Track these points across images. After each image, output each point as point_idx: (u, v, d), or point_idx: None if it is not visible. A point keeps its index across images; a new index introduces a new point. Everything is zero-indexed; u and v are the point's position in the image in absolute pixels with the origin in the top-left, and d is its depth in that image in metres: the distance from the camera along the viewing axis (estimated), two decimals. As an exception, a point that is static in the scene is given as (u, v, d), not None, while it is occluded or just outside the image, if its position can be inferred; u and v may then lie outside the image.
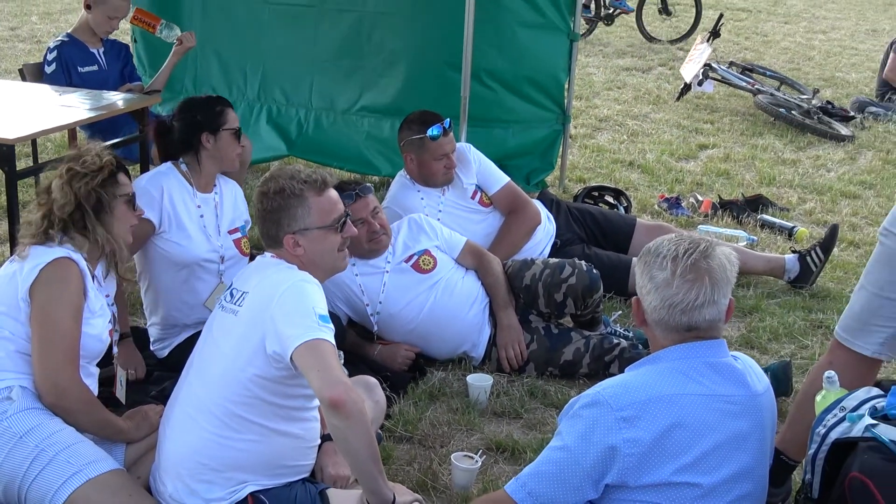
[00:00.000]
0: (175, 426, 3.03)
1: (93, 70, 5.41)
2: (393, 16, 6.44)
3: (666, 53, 12.82)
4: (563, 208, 5.52)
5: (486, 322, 4.41)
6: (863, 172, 7.72)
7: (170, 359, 4.05)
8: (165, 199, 3.94)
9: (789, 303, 5.15)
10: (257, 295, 3.01)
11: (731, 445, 2.57)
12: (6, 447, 2.93)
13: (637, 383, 2.61)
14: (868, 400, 2.70)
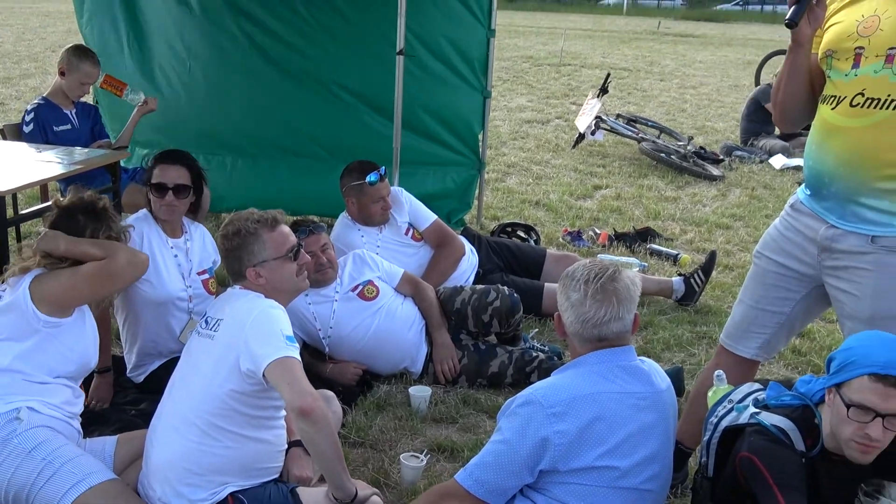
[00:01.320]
0: (161, 437, 3.03)
1: (66, 129, 5.36)
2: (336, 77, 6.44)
3: (561, 108, 13.00)
4: (484, 242, 5.55)
5: (423, 341, 4.41)
6: (733, 207, 7.86)
7: (145, 384, 4.02)
8: (145, 244, 3.89)
9: (677, 318, 5.23)
10: (230, 321, 3.03)
11: (641, 434, 2.66)
12: (17, 461, 2.92)
13: (563, 384, 2.69)
14: (751, 393, 2.81)
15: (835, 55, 2.91)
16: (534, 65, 18.71)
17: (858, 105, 2.82)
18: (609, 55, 22.04)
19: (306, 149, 6.61)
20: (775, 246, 3.16)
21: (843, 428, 2.46)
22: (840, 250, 2.91)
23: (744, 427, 2.66)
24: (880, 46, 2.76)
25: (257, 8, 6.42)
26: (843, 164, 2.86)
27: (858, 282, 2.89)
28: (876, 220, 2.82)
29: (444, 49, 6.27)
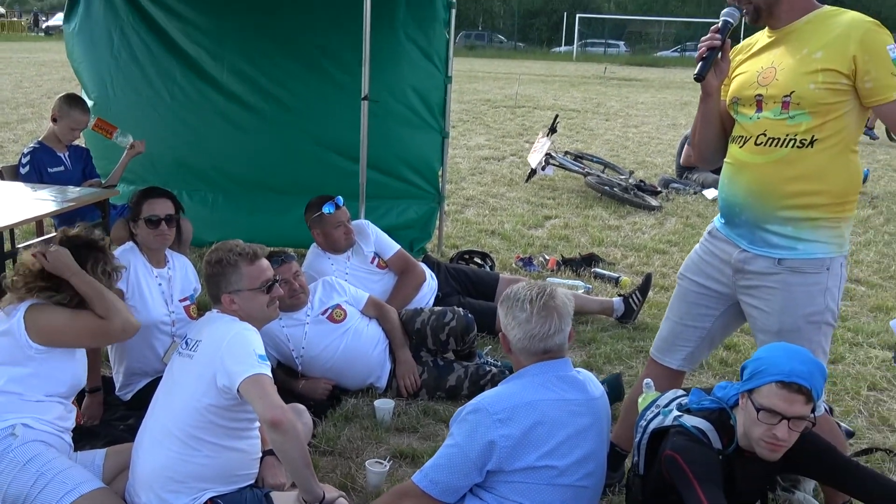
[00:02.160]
0: (146, 449, 3.03)
1: (60, 170, 5.34)
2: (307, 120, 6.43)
3: (516, 146, 13.03)
4: (443, 268, 5.58)
5: (387, 359, 4.42)
6: (669, 234, 7.95)
7: (132, 401, 3.98)
8: (131, 273, 3.89)
9: (618, 334, 5.26)
10: (208, 342, 3.04)
11: (577, 436, 2.70)
12: (12, 473, 2.91)
13: (508, 393, 2.73)
14: (675, 399, 2.89)
15: (740, 101, 3.02)
16: (491, 107, 18.76)
17: (762, 144, 2.92)
18: (560, 97, 22.13)
19: (281, 186, 6.58)
20: (696, 268, 3.23)
21: (754, 429, 2.53)
22: (751, 271, 3.00)
23: (668, 429, 2.73)
24: (777, 94, 2.88)
25: (236, 57, 6.43)
26: (751, 196, 2.96)
27: (767, 299, 2.98)
28: (781, 245, 2.92)
29: (406, 94, 6.29)
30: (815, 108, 2.82)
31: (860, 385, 4.62)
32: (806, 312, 2.95)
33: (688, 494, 2.50)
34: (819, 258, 2.91)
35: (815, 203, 2.89)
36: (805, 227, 2.91)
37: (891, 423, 4.20)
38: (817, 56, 2.80)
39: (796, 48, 2.88)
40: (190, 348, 3.09)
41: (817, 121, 2.83)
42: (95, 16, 6.46)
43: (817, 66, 2.79)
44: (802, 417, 2.49)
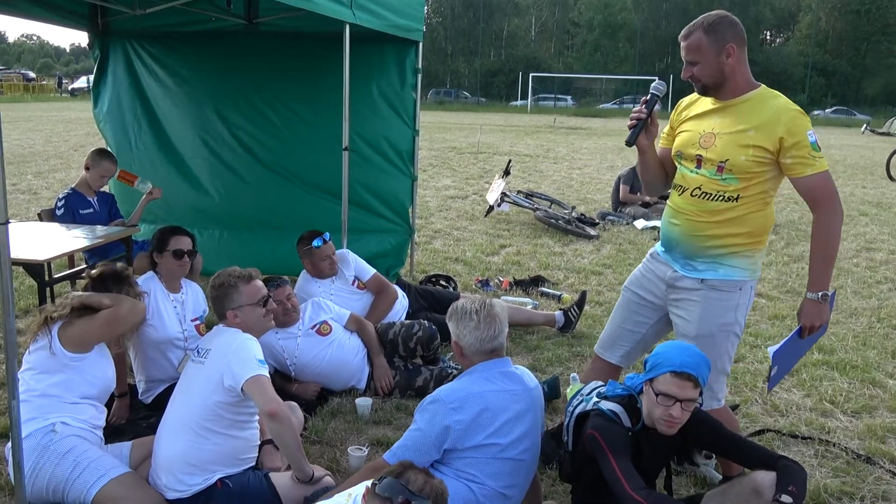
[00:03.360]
0: (165, 439, 3.10)
1: (90, 212, 5.42)
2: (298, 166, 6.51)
3: (477, 186, 13.03)
4: (412, 289, 5.62)
5: (365, 365, 4.47)
6: (604, 258, 8.01)
7: (152, 404, 4.03)
8: (152, 297, 3.95)
9: (559, 342, 5.33)
10: (216, 351, 3.14)
11: (516, 419, 2.81)
12: (54, 462, 2.99)
13: (459, 386, 2.84)
14: (595, 388, 3.01)
15: (682, 156, 3.15)
16: (457, 153, 18.74)
17: (696, 196, 3.06)
18: (516, 144, 22.14)
19: (276, 223, 6.59)
20: (637, 282, 3.37)
21: (655, 410, 2.68)
22: (680, 287, 3.17)
23: (589, 412, 2.85)
24: (715, 159, 3.00)
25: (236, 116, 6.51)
26: (684, 236, 3.13)
27: (690, 310, 3.14)
28: (704, 269, 3.10)
29: (380, 145, 6.33)
30: (744, 174, 2.96)
31: (757, 380, 4.77)
32: (719, 322, 3.09)
33: (604, 464, 2.62)
34: (735, 280, 3.06)
35: (735, 242, 3.05)
36: (725, 257, 3.06)
37: (780, 409, 4.36)
38: (750, 133, 2.93)
39: (735, 122, 2.99)
40: (201, 356, 3.18)
41: (744, 183, 2.98)
42: (120, 88, 6.58)
43: (750, 143, 2.93)
44: (692, 399, 2.66)
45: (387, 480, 2.12)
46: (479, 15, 67.13)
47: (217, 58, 6.50)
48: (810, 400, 4.54)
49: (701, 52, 2.97)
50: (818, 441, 3.99)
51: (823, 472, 3.68)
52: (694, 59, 2.99)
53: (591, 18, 65.28)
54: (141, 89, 6.58)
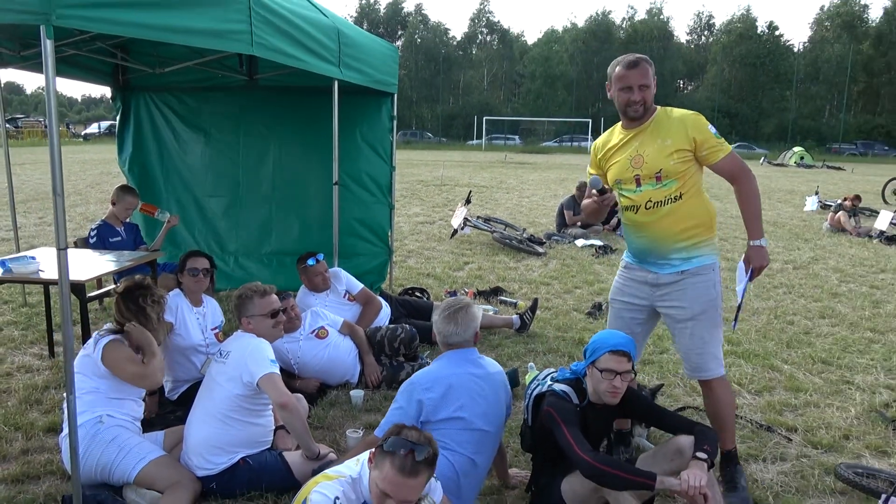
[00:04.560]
0: (195, 426, 3.17)
1: (118, 240, 5.43)
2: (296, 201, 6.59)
3: (442, 213, 13.02)
4: (394, 299, 5.69)
5: (357, 363, 4.54)
6: (551, 272, 8.08)
7: (178, 400, 4.08)
8: (178, 310, 4.01)
9: (516, 341, 5.43)
10: (235, 352, 3.21)
11: (478, 397, 2.91)
12: (101, 448, 3.03)
13: (431, 370, 2.97)
14: (549, 374, 3.11)
15: (622, 181, 3.22)
16: (424, 185, 18.73)
17: (651, 208, 3.14)
18: (473, 177, 22.17)
19: (279, 247, 6.68)
20: (621, 293, 3.38)
21: (600, 385, 2.80)
22: (663, 284, 3.21)
23: (545, 393, 2.96)
24: (650, 173, 3.11)
25: (241, 157, 6.60)
26: (653, 243, 3.19)
27: (679, 297, 3.17)
28: (680, 263, 3.16)
29: (364, 179, 6.41)
30: (677, 175, 3.08)
31: (678, 367, 4.92)
32: (707, 300, 3.15)
33: (558, 434, 2.73)
34: (706, 264, 3.15)
35: (695, 233, 3.13)
36: (693, 248, 3.14)
37: (697, 390, 4.47)
38: (668, 143, 3.06)
39: (651, 140, 3.10)
40: (224, 357, 3.26)
41: (680, 182, 3.09)
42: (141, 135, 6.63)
43: (671, 149, 3.06)
44: (628, 371, 2.80)
45: (391, 439, 2.21)
46: (440, 68, 67.67)
47: (224, 108, 6.59)
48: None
49: (649, 78, 3.07)
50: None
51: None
52: (646, 83, 3.07)
53: (534, 70, 66.24)
54: (160, 136, 6.64)
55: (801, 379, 4.83)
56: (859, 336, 5.88)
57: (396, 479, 2.13)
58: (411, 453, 2.16)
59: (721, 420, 3.27)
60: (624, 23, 70.61)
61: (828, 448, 3.81)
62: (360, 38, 5.37)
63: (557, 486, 2.85)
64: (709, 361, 3.19)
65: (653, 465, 2.77)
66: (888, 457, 3.74)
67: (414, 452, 2.16)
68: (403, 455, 2.15)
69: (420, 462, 2.17)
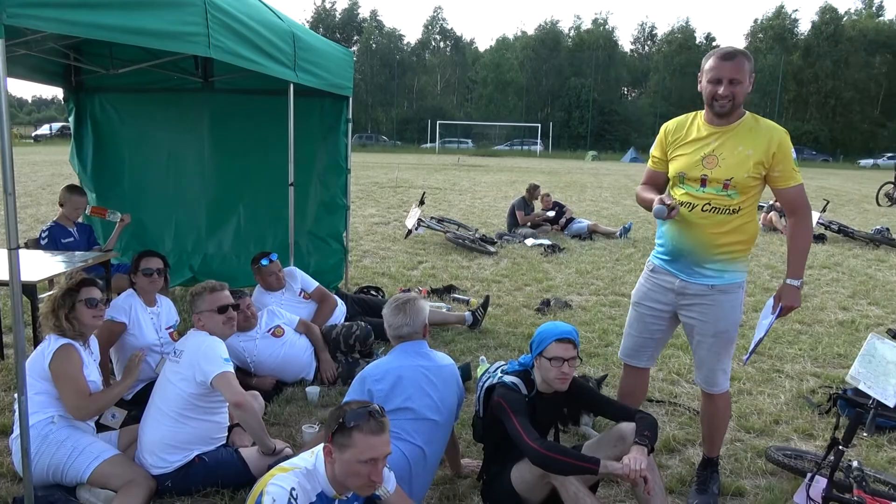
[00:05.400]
0: (149, 425, 3.11)
1: (70, 241, 5.27)
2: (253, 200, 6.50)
3: (397, 214, 13.02)
4: (349, 298, 5.67)
5: (313, 360, 4.51)
6: (502, 270, 8.16)
7: (132, 399, 3.92)
8: (132, 311, 3.91)
9: (468, 336, 5.47)
10: (188, 351, 3.16)
11: (427, 388, 2.92)
12: (53, 447, 2.95)
13: (381, 363, 2.97)
14: (500, 367, 3.13)
15: (686, 177, 3.01)
16: (379, 187, 18.69)
17: (707, 211, 2.96)
18: (427, 179, 22.22)
19: (235, 248, 6.59)
20: (645, 296, 3.21)
21: (550, 373, 2.83)
22: (690, 293, 3.05)
23: (496, 384, 2.98)
24: (720, 178, 2.92)
25: (196, 158, 6.47)
26: (698, 245, 3.00)
27: (705, 312, 3.03)
28: (712, 276, 3.01)
29: (319, 181, 6.36)
30: (744, 189, 2.91)
31: None
32: (732, 320, 3.03)
33: (508, 423, 2.77)
34: (737, 282, 3.02)
35: (735, 249, 2.99)
36: (728, 263, 2.99)
37: None
38: (749, 153, 2.88)
39: (734, 144, 2.91)
40: (177, 356, 3.20)
41: (743, 196, 2.93)
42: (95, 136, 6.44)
43: (750, 162, 2.88)
44: (574, 357, 2.85)
45: (348, 414, 2.21)
46: (394, 73, 67.56)
47: (180, 111, 6.46)
48: (662, 373, 4.87)
49: (744, 73, 2.86)
50: (668, 403, 4.30)
51: (672, 426, 4.00)
52: (740, 78, 2.85)
53: (486, 76, 66.68)
54: (114, 137, 6.47)
55: (735, 369, 4.99)
56: (788, 328, 6.11)
57: (372, 440, 2.19)
58: (371, 415, 2.21)
59: (714, 429, 3.27)
60: (571, 31, 71.67)
61: (759, 432, 3.95)
62: (315, 42, 5.34)
63: (507, 474, 2.88)
64: (719, 376, 3.14)
65: (597, 451, 2.82)
66: (814, 439, 3.90)
67: (372, 413, 2.22)
68: (367, 420, 2.20)
69: (382, 418, 2.24)
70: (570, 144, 58.63)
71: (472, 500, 3.12)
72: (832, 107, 61.29)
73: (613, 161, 45.58)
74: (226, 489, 3.11)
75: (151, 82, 6.27)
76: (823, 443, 3.83)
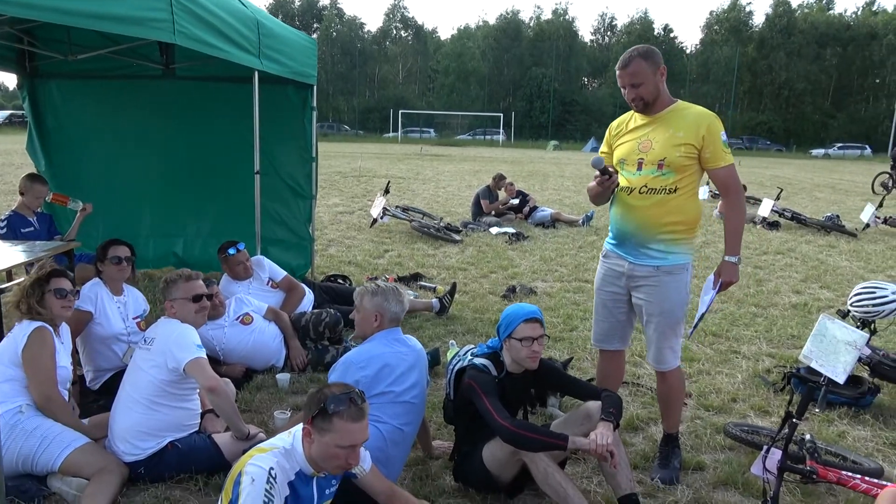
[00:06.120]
0: (120, 413, 3.10)
1: (30, 230, 5.17)
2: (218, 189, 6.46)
3: (361, 203, 12.96)
4: (317, 286, 5.69)
5: (282, 347, 4.52)
6: (468, 258, 8.21)
7: (100, 389, 3.94)
8: (98, 299, 3.87)
9: (436, 323, 5.54)
10: (160, 338, 3.15)
11: (407, 372, 2.98)
12: (22, 438, 2.93)
13: (364, 349, 3.00)
14: (468, 350, 3.21)
15: (626, 162, 3.19)
16: (342, 177, 18.60)
17: (644, 192, 3.11)
18: (391, 169, 22.15)
19: (199, 237, 6.57)
20: (603, 282, 3.36)
21: (520, 353, 2.91)
22: (638, 276, 3.19)
23: (466, 367, 3.05)
24: (654, 159, 3.09)
25: (159, 147, 6.41)
26: (639, 226, 3.15)
27: (650, 293, 3.17)
28: (657, 257, 3.13)
29: (285, 170, 6.32)
30: (677, 168, 3.06)
31: (586, 343, 5.14)
32: (676, 300, 3.16)
33: (479, 403, 2.84)
34: (682, 263, 3.14)
35: (678, 229, 3.11)
36: (672, 245, 3.11)
37: None
38: (680, 135, 3.05)
39: (665, 129, 3.09)
40: (147, 344, 3.19)
41: (679, 175, 3.06)
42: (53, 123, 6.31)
43: (680, 142, 3.04)
44: (542, 335, 2.94)
45: (330, 398, 2.24)
46: (356, 61, 67.03)
47: (140, 98, 6.36)
48: (626, 354, 4.98)
49: (642, 74, 3.06)
50: (631, 384, 4.44)
51: (636, 405, 4.14)
52: (638, 81, 3.06)
53: (448, 66, 66.63)
54: (73, 124, 6.35)
55: (694, 350, 5.17)
56: (745, 311, 6.33)
57: (353, 427, 2.22)
58: (352, 402, 2.24)
59: (669, 405, 3.39)
60: (532, 21, 71.98)
61: (718, 410, 4.12)
62: (279, 29, 5.31)
63: (479, 453, 2.96)
64: (667, 354, 3.25)
65: (565, 429, 2.91)
66: (770, 416, 4.08)
67: (353, 399, 2.25)
68: (349, 405, 2.23)
69: (363, 404, 2.27)
70: (531, 134, 59.04)
71: (445, 479, 3.19)
72: (785, 98, 62.98)
73: (574, 150, 46.07)
74: (199, 475, 3.11)
75: (110, 69, 6.16)
76: (778, 419, 4.00)
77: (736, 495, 3.18)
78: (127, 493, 3.00)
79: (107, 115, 6.37)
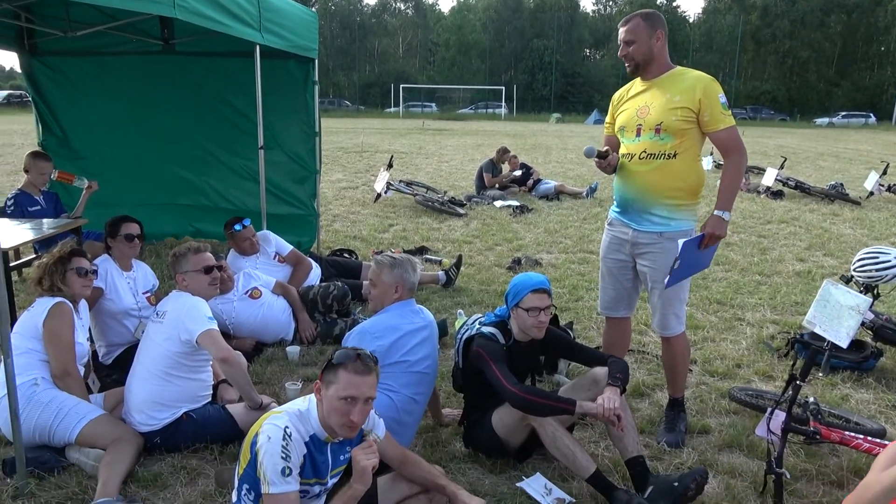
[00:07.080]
0: (136, 385, 3.14)
1: (37, 209, 5.20)
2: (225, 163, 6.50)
3: (364, 178, 12.96)
4: (324, 260, 5.71)
5: (291, 320, 4.55)
6: (473, 231, 8.24)
7: (112, 364, 3.97)
8: (108, 276, 3.91)
9: (443, 295, 5.57)
10: (171, 311, 3.18)
11: (421, 343, 3.02)
12: (38, 410, 2.97)
13: (380, 319, 3.03)
14: (476, 319, 3.22)
15: (625, 129, 3.22)
16: (345, 152, 18.57)
17: (644, 158, 3.13)
18: (393, 144, 22.08)
19: (203, 212, 6.60)
20: (608, 250, 3.38)
21: (526, 322, 2.91)
22: (642, 243, 3.21)
23: (474, 336, 3.08)
24: (651, 124, 3.10)
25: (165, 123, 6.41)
26: (640, 192, 3.17)
27: (654, 259, 3.19)
28: (660, 223, 3.15)
29: (289, 144, 6.33)
30: (675, 132, 3.05)
31: (592, 312, 5.21)
32: None
33: (487, 371, 2.88)
34: (685, 229, 3.14)
35: (680, 195, 3.11)
36: (674, 210, 3.12)
37: None
38: (676, 99, 3.04)
39: (662, 93, 3.08)
40: (160, 317, 3.23)
41: (677, 140, 3.06)
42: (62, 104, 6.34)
43: (677, 106, 3.03)
44: (549, 306, 2.96)
45: (337, 353, 2.31)
46: (355, 35, 66.37)
47: (141, 73, 6.34)
48: (632, 322, 5.01)
49: (637, 33, 3.06)
50: (637, 351, 4.49)
51: (641, 372, 4.19)
52: (631, 38, 3.07)
53: (448, 39, 65.96)
54: (75, 101, 6.36)
55: (699, 318, 5.21)
56: (749, 279, 6.35)
57: (355, 379, 2.26)
58: (358, 357, 2.29)
59: (674, 370, 3.42)
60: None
61: (723, 376, 4.16)
62: (279, 2, 5.27)
63: (488, 419, 3.00)
64: (671, 320, 3.28)
65: (572, 394, 2.95)
66: (774, 381, 4.13)
67: (360, 355, 2.30)
68: (353, 360, 2.28)
69: (368, 361, 2.30)
70: (534, 107, 58.59)
71: (455, 445, 3.25)
72: (789, 66, 62.30)
73: (577, 123, 45.76)
74: (214, 444, 3.17)
75: (109, 45, 6.15)
76: (782, 383, 4.04)
77: (741, 457, 3.23)
78: (144, 462, 3.05)
79: (106, 92, 6.36)
